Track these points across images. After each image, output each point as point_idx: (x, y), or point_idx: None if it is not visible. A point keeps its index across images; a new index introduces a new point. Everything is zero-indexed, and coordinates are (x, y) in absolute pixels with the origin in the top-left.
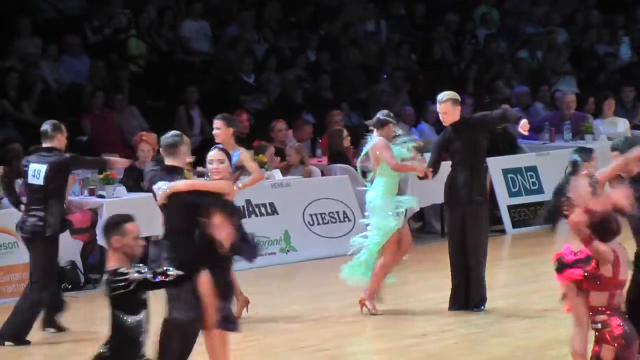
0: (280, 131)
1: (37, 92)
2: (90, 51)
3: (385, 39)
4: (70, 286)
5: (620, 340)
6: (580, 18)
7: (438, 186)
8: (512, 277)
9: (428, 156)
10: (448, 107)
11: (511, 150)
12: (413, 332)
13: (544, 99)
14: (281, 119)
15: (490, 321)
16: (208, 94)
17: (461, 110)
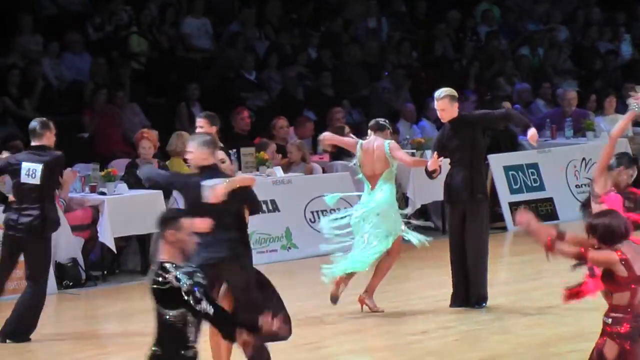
0: (281, 128)
1: (39, 89)
2: (91, 48)
3: (386, 36)
4: (71, 283)
5: (625, 341)
6: (581, 15)
7: (439, 183)
8: (513, 275)
9: (429, 153)
10: (445, 104)
11: (512, 147)
12: (414, 330)
13: (545, 96)
14: (282, 116)
15: (491, 318)
16: (209, 91)
17: (464, 107)
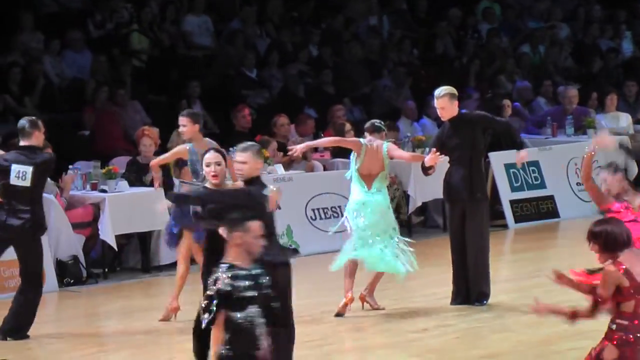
0: (282, 126)
1: (40, 87)
2: (92, 46)
3: (387, 34)
4: (72, 281)
5: (627, 348)
6: (582, 13)
7: (440, 180)
8: (514, 272)
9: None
10: (445, 102)
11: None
12: (414, 327)
13: (547, 94)
14: (283, 114)
15: (491, 316)
16: (210, 89)
17: (467, 104)
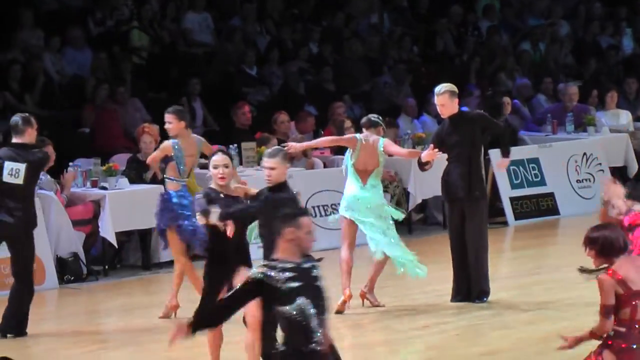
0: (282, 123)
1: (40, 85)
2: (92, 43)
3: (387, 31)
4: (72, 278)
5: (624, 355)
6: (582, 10)
7: (439, 178)
8: (514, 269)
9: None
10: (445, 100)
11: (513, 142)
12: (414, 324)
13: (547, 91)
14: (283, 111)
15: (491, 313)
16: (210, 86)
17: (468, 102)
